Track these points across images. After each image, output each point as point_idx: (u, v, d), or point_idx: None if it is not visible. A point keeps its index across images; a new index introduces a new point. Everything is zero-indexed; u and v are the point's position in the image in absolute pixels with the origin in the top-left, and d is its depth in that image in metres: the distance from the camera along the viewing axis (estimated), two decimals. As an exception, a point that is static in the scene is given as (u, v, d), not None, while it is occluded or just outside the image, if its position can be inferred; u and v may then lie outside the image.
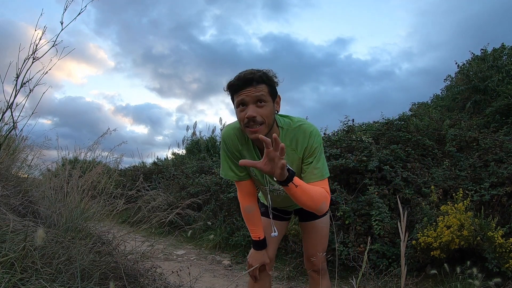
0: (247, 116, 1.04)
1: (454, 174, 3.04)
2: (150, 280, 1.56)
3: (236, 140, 1.20)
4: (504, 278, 2.17)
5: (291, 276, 2.83)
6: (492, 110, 4.36)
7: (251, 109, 1.04)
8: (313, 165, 1.14)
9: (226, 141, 1.22)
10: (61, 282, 1.09)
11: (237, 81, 1.06)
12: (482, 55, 5.67)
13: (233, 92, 1.09)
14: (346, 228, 2.89)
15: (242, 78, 1.05)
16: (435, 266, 2.40)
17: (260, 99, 1.05)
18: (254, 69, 1.08)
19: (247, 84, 1.05)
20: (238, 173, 1.25)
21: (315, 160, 1.14)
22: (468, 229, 2.31)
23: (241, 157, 1.23)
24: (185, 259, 3.48)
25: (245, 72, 1.07)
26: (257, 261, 1.30)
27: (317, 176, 1.13)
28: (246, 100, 1.05)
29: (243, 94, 1.05)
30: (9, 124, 1.54)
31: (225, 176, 1.27)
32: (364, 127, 5.08)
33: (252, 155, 1.21)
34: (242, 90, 1.06)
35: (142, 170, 6.58)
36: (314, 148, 1.14)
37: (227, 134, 1.21)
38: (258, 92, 1.05)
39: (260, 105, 1.05)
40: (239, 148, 1.21)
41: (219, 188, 4.43)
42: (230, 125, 1.24)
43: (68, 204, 1.52)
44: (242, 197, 1.30)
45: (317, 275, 1.41)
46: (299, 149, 1.15)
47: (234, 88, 1.08)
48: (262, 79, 1.06)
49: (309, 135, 1.14)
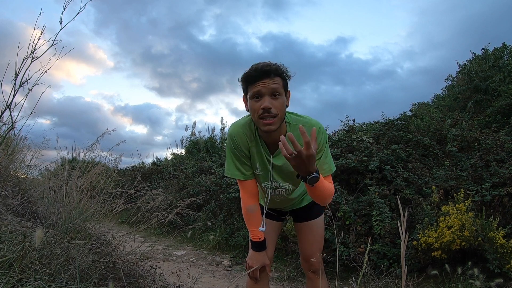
0: (263, 107, 1.04)
1: (455, 174, 3.03)
2: (149, 280, 1.55)
3: (245, 137, 1.19)
4: (506, 278, 2.16)
5: (291, 277, 2.83)
6: (493, 110, 4.35)
7: (267, 101, 1.05)
8: (322, 160, 1.16)
9: (235, 139, 1.20)
10: (60, 283, 1.09)
11: (255, 72, 1.06)
12: (483, 55, 5.66)
13: (249, 83, 1.08)
14: (347, 229, 2.88)
15: (260, 70, 1.05)
16: (436, 267, 2.39)
17: (276, 91, 1.06)
18: (270, 61, 1.08)
19: (264, 75, 1.05)
20: (245, 172, 1.23)
21: (323, 156, 1.17)
22: (469, 229, 2.30)
23: (249, 155, 1.22)
24: (185, 259, 3.47)
25: (262, 63, 1.07)
26: (257, 262, 1.29)
27: (326, 171, 1.17)
28: (262, 92, 1.05)
29: (260, 85, 1.05)
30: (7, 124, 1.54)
31: (230, 175, 1.25)
32: (364, 127, 5.07)
33: (259, 151, 1.20)
34: (259, 81, 1.05)
35: (142, 170, 6.58)
36: (322, 144, 1.17)
37: (236, 132, 1.20)
38: (274, 84, 1.05)
39: (275, 97, 1.06)
40: (248, 146, 1.20)
41: (219, 188, 4.42)
42: (237, 122, 1.22)
43: (67, 204, 1.51)
44: (246, 196, 1.29)
45: (315, 275, 1.40)
46: None
47: (250, 79, 1.07)
48: (278, 72, 1.07)
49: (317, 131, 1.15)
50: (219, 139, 7.90)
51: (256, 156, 1.21)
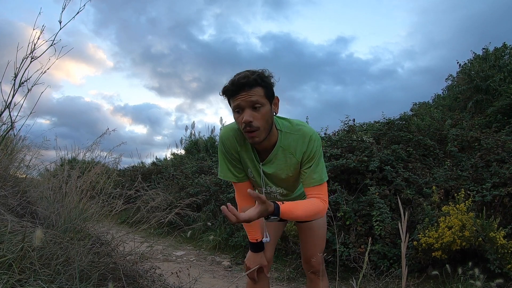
0: (244, 121, 1.03)
1: (456, 174, 3.03)
2: (149, 281, 1.55)
3: (234, 142, 1.19)
4: (506, 279, 2.15)
5: (291, 277, 2.82)
6: (494, 109, 4.34)
7: (247, 114, 1.03)
8: (312, 170, 1.13)
9: (224, 142, 1.20)
10: (59, 283, 1.08)
11: (231, 86, 1.04)
12: (484, 55, 5.65)
13: (229, 97, 1.08)
14: (347, 229, 2.87)
15: (236, 83, 1.03)
16: (437, 267, 2.39)
17: (256, 103, 1.03)
18: (248, 72, 1.05)
19: (241, 88, 1.03)
20: (237, 175, 1.23)
21: (313, 165, 1.13)
22: (469, 229, 2.29)
23: (240, 158, 1.21)
24: (185, 260, 3.47)
25: (239, 76, 1.05)
26: (255, 263, 1.28)
27: (316, 180, 1.13)
28: (242, 105, 1.04)
29: (238, 99, 1.04)
30: (7, 124, 1.54)
31: (223, 178, 1.26)
32: (365, 127, 5.07)
33: (250, 157, 1.20)
34: (237, 95, 1.04)
35: (141, 170, 6.58)
36: (314, 153, 1.13)
37: (226, 136, 1.20)
38: (253, 96, 1.03)
39: (256, 109, 1.04)
40: (237, 150, 1.20)
41: (218, 189, 4.42)
42: (228, 126, 1.22)
43: (67, 204, 1.51)
44: (240, 198, 1.29)
45: (316, 276, 1.40)
46: (298, 153, 1.14)
47: (229, 93, 1.06)
48: (257, 82, 1.04)
49: (308, 140, 1.13)
50: (219, 139, 7.88)
51: (247, 161, 1.21)
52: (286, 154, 1.15)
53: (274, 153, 1.16)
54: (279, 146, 1.15)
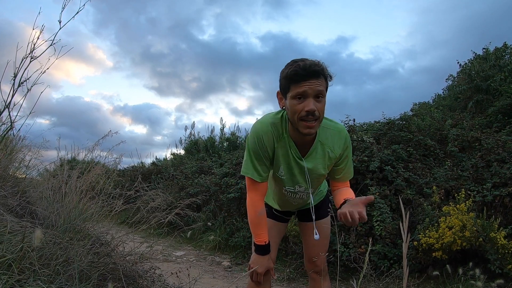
0: (309, 109, 1.00)
1: (456, 174, 3.02)
2: (149, 281, 1.54)
3: (272, 137, 1.13)
4: (507, 279, 2.15)
5: (291, 278, 2.82)
6: (495, 109, 4.34)
7: (312, 103, 1.00)
8: (349, 165, 1.24)
9: (261, 137, 1.12)
10: (59, 284, 1.08)
11: (303, 71, 0.99)
12: (484, 54, 5.65)
13: (293, 82, 1.01)
14: (347, 229, 2.87)
15: (308, 69, 0.99)
16: (437, 267, 2.39)
17: (320, 93, 1.02)
18: (316, 60, 1.03)
19: (312, 75, 0.99)
20: (262, 174, 1.16)
21: (350, 161, 1.24)
22: (470, 230, 2.29)
23: (273, 155, 1.16)
24: (185, 260, 3.47)
25: (309, 61, 1.01)
26: (263, 267, 1.23)
27: (351, 174, 1.26)
28: (308, 93, 1.00)
29: (306, 86, 0.99)
30: (6, 124, 1.53)
31: (246, 174, 1.18)
32: (365, 127, 5.05)
33: (286, 153, 1.15)
34: (305, 81, 0.99)
35: (141, 171, 6.57)
36: (350, 150, 1.21)
37: (264, 130, 1.12)
38: (320, 86, 1.01)
39: (318, 100, 1.02)
40: (274, 146, 1.14)
41: (218, 189, 4.41)
42: (265, 120, 1.15)
43: (67, 204, 1.51)
44: (258, 199, 1.20)
45: (318, 276, 1.39)
46: (336, 150, 1.17)
47: (296, 78, 1.00)
48: (324, 73, 1.03)
49: (345, 136, 1.18)
50: (219, 139, 7.89)
51: (281, 158, 1.16)
52: (325, 149, 1.16)
53: (314, 148, 1.15)
54: (318, 141, 1.15)
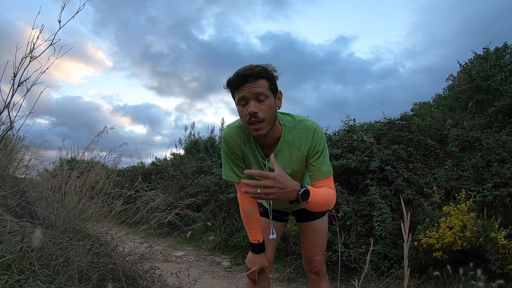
0: (249, 112, 1.03)
1: (457, 174, 3.02)
2: (149, 281, 1.54)
3: (238, 140, 1.18)
4: (507, 279, 2.15)
5: (291, 278, 2.81)
6: (495, 109, 4.33)
7: (252, 105, 1.03)
8: (320, 163, 1.14)
9: (228, 141, 1.19)
10: (58, 284, 1.08)
11: (236, 78, 1.04)
12: (485, 54, 5.65)
13: (233, 89, 1.07)
14: (347, 229, 2.87)
15: (241, 74, 1.03)
16: (437, 268, 2.38)
17: (260, 95, 1.03)
18: (252, 65, 1.06)
19: (246, 80, 1.03)
20: (240, 175, 1.22)
21: (321, 158, 1.14)
22: (470, 230, 2.29)
23: (244, 157, 1.20)
24: (184, 260, 3.46)
25: (243, 68, 1.05)
26: (256, 265, 1.27)
27: (325, 173, 1.14)
28: (246, 97, 1.04)
29: (243, 91, 1.04)
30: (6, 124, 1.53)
31: (226, 177, 1.25)
32: (365, 126, 5.05)
33: (254, 154, 1.19)
34: (242, 87, 1.04)
35: (141, 171, 6.57)
36: (319, 145, 1.14)
37: (229, 134, 1.19)
38: (258, 87, 1.03)
39: (261, 101, 1.04)
40: (241, 148, 1.19)
41: (218, 189, 4.41)
42: (232, 124, 1.21)
43: (66, 204, 1.50)
44: (242, 199, 1.28)
45: (317, 277, 1.39)
46: (303, 147, 1.14)
47: (233, 85, 1.06)
48: (261, 74, 1.04)
49: (312, 133, 1.13)
50: (219, 139, 7.89)
51: (251, 159, 1.20)
52: (291, 149, 1.15)
53: (279, 148, 1.15)
54: (283, 141, 1.15)
